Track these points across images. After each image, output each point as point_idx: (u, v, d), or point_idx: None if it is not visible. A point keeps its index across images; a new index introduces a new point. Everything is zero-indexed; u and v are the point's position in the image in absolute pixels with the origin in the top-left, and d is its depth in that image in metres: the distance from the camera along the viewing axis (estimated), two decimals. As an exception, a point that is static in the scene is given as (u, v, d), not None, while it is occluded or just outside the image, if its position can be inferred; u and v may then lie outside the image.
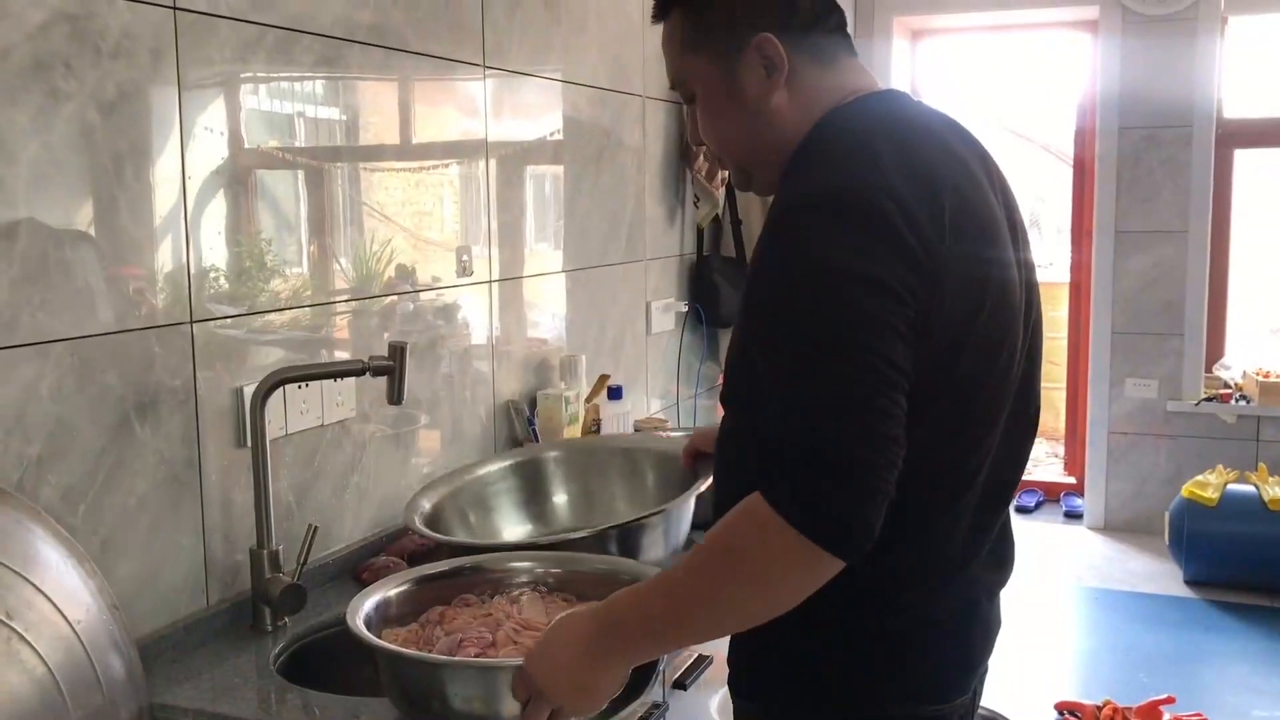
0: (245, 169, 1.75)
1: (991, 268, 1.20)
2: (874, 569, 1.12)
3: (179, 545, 1.63)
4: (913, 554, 1.21)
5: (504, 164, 2.43)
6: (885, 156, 1.15)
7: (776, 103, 1.26)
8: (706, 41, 1.29)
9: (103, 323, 1.50)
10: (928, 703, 1.26)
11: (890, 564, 1.18)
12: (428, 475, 2.16)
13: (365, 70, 2.00)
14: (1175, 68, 4.92)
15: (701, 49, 1.29)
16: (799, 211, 1.15)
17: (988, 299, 1.19)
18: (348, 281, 2.00)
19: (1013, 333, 1.23)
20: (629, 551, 1.68)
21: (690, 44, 1.31)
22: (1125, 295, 5.11)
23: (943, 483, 1.21)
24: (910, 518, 1.15)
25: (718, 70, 1.28)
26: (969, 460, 1.23)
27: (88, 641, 1.35)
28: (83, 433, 1.48)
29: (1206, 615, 4.25)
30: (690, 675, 1.78)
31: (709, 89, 1.30)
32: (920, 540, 1.22)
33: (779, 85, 1.26)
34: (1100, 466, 5.23)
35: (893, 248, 1.10)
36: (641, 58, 3.03)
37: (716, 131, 1.33)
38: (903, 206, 1.11)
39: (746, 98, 1.27)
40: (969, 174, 1.22)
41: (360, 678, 1.70)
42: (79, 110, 1.45)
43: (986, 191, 1.24)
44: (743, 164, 1.35)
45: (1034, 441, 1.33)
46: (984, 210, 1.21)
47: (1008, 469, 1.29)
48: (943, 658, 1.26)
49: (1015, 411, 1.27)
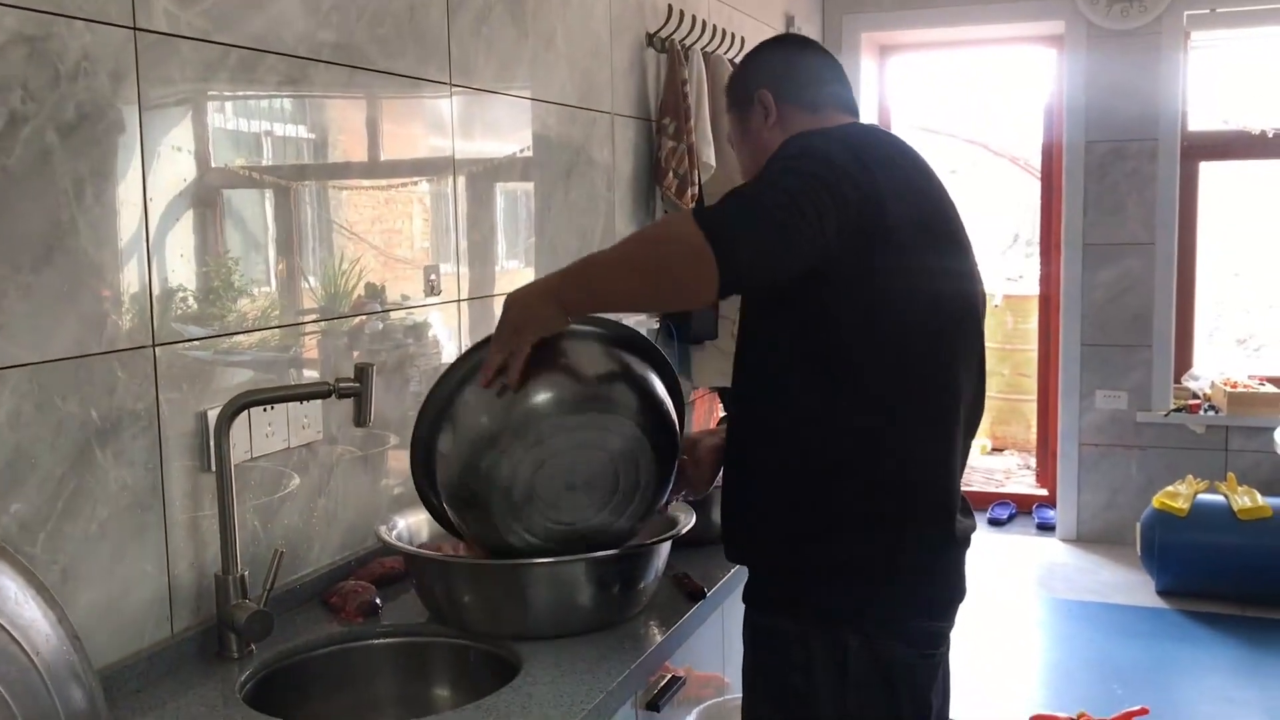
0: (211, 189, 1.73)
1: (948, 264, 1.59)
2: (905, 506, 1.52)
3: (142, 573, 1.61)
4: (935, 492, 1.55)
5: (473, 181, 2.42)
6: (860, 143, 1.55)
7: (768, 139, 1.69)
8: (735, 100, 1.80)
9: (63, 347, 1.47)
10: (937, 620, 1.59)
11: (918, 501, 1.53)
12: (398, 497, 2.14)
13: (331, 89, 1.98)
14: (1140, 82, 4.97)
15: (733, 106, 1.80)
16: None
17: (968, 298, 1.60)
18: (316, 301, 1.98)
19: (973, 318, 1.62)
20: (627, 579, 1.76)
21: (729, 106, 1.83)
22: (1094, 307, 5.15)
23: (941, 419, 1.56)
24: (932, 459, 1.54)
25: (739, 118, 1.78)
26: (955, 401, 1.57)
27: (47, 673, 1.32)
28: (42, 460, 1.45)
29: (1179, 625, 4.28)
30: (664, 696, 1.77)
31: (735, 132, 1.80)
32: (942, 481, 1.56)
33: (773, 125, 1.71)
34: (1071, 478, 5.25)
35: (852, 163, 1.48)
36: (610, 75, 3.03)
37: (740, 161, 1.82)
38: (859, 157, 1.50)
39: (751, 135, 1.75)
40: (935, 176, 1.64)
41: (329, 706, 1.68)
42: (37, 132, 1.43)
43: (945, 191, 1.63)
44: None
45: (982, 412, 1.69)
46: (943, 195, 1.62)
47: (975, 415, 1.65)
48: (948, 584, 1.59)
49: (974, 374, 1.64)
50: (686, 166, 3.30)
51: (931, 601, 1.57)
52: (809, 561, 1.54)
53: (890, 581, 1.53)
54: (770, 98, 1.71)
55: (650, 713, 1.74)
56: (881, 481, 1.52)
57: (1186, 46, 4.98)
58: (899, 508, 1.52)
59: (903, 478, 1.53)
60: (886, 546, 1.52)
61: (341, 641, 1.75)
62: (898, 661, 1.53)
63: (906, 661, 1.54)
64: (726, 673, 2.12)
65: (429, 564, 1.76)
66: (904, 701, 1.55)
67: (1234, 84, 5.37)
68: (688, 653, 1.88)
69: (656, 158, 3.29)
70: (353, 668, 1.75)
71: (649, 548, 1.76)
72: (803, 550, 1.54)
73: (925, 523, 1.55)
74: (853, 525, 1.52)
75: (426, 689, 1.77)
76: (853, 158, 1.47)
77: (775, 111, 1.70)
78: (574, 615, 1.71)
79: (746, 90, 1.74)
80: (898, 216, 1.48)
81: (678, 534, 1.82)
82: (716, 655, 2.08)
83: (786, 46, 1.82)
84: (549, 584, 1.71)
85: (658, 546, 1.77)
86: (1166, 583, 4.51)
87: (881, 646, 1.52)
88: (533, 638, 1.68)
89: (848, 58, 5.32)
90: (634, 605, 1.79)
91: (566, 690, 1.53)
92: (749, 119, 1.74)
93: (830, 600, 1.53)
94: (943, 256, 1.56)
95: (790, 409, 1.54)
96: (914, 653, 1.55)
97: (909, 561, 1.53)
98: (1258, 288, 6.65)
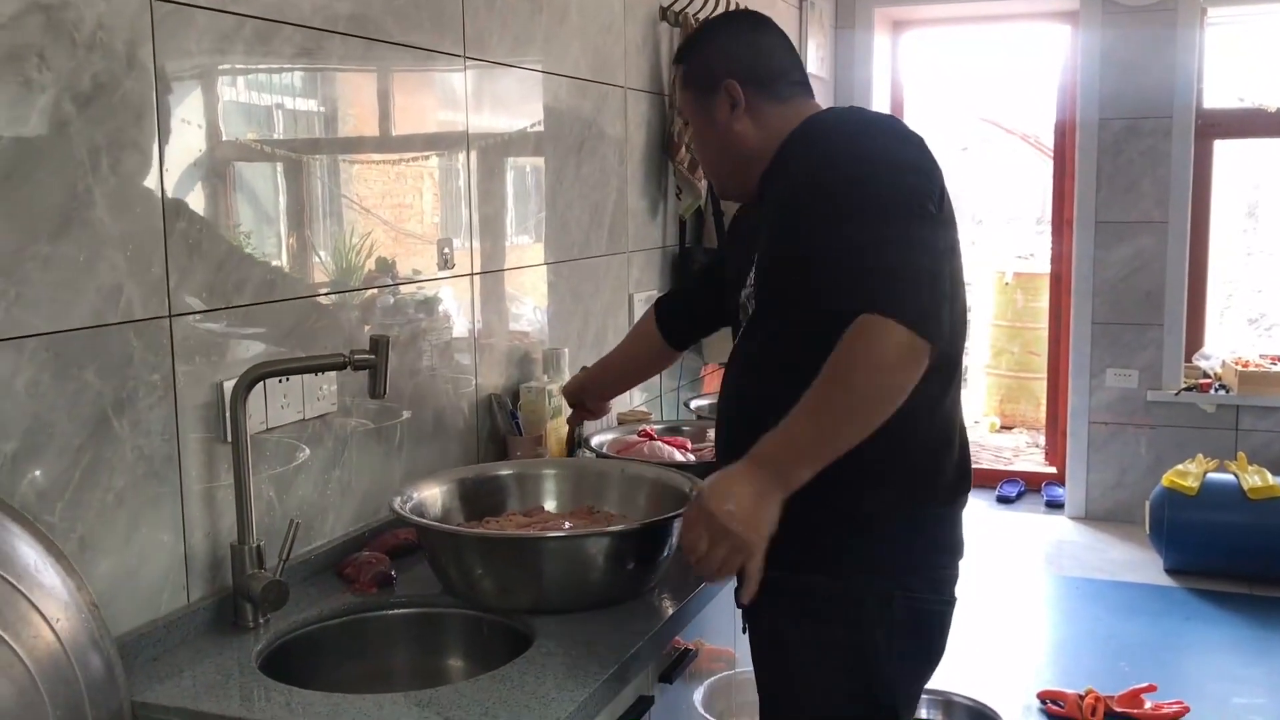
0: (223, 161, 1.73)
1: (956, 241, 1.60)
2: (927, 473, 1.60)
3: (159, 542, 1.62)
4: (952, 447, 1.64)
5: (485, 155, 2.41)
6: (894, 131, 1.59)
7: (739, 128, 1.70)
8: (693, 81, 1.75)
9: (80, 317, 1.48)
10: (954, 567, 1.67)
11: (940, 466, 1.61)
12: (410, 470, 2.15)
13: (345, 61, 1.98)
14: (1155, 59, 4.94)
15: (690, 88, 1.76)
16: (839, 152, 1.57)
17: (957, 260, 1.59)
18: (327, 274, 1.98)
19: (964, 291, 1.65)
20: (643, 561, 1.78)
21: (684, 84, 1.78)
22: (1105, 286, 5.13)
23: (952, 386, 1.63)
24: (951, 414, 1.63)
25: (698, 103, 1.74)
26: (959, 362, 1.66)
27: (66, 640, 1.33)
28: (60, 429, 1.46)
29: (1187, 604, 4.28)
30: (676, 669, 1.78)
31: (693, 116, 1.77)
32: (958, 435, 1.65)
33: (741, 117, 1.69)
34: (1081, 456, 5.25)
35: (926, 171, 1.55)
36: (623, 49, 3.02)
37: (699, 150, 1.82)
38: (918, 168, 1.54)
39: (716, 122, 1.71)
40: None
41: (343, 675, 1.69)
42: (54, 102, 1.43)
43: None
44: (714, 174, 1.82)
45: None
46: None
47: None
48: (958, 535, 1.68)
49: None
50: (699, 141, 3.29)
51: (952, 549, 1.66)
52: (844, 516, 1.58)
53: (919, 531, 1.61)
54: (738, 89, 1.69)
55: (663, 684, 1.75)
56: (913, 439, 1.57)
57: (1203, 23, 4.94)
58: (926, 461, 1.61)
59: (930, 433, 1.60)
60: (915, 499, 1.61)
61: (356, 612, 1.76)
62: (928, 607, 1.62)
63: (935, 608, 1.63)
64: (737, 647, 2.13)
65: (442, 536, 1.77)
66: (935, 645, 1.66)
67: (1250, 61, 5.33)
68: (699, 626, 1.89)
69: (669, 132, 3.28)
70: (367, 638, 1.77)
71: (664, 523, 1.76)
72: (835, 505, 1.56)
73: (947, 474, 1.63)
74: (884, 481, 1.58)
75: (440, 659, 1.78)
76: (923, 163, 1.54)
77: (744, 103, 1.69)
78: (587, 589, 1.72)
79: (710, 77, 1.71)
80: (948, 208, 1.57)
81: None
82: (729, 629, 2.08)
83: (746, 28, 1.76)
84: (563, 558, 1.72)
85: (673, 522, 1.78)
86: (1175, 561, 4.52)
87: (917, 594, 1.60)
88: (546, 611, 1.69)
89: (861, 33, 5.29)
90: (648, 580, 1.79)
91: (580, 661, 1.54)
92: (712, 108, 1.71)
93: (869, 553, 1.59)
94: (957, 232, 1.61)
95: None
96: (939, 598, 1.63)
97: (933, 512, 1.62)
98: (1270, 267, 6.62)
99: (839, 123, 1.66)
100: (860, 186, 1.50)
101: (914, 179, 1.50)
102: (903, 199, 1.48)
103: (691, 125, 1.79)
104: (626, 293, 3.11)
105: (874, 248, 1.45)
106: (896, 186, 1.49)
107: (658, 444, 2.37)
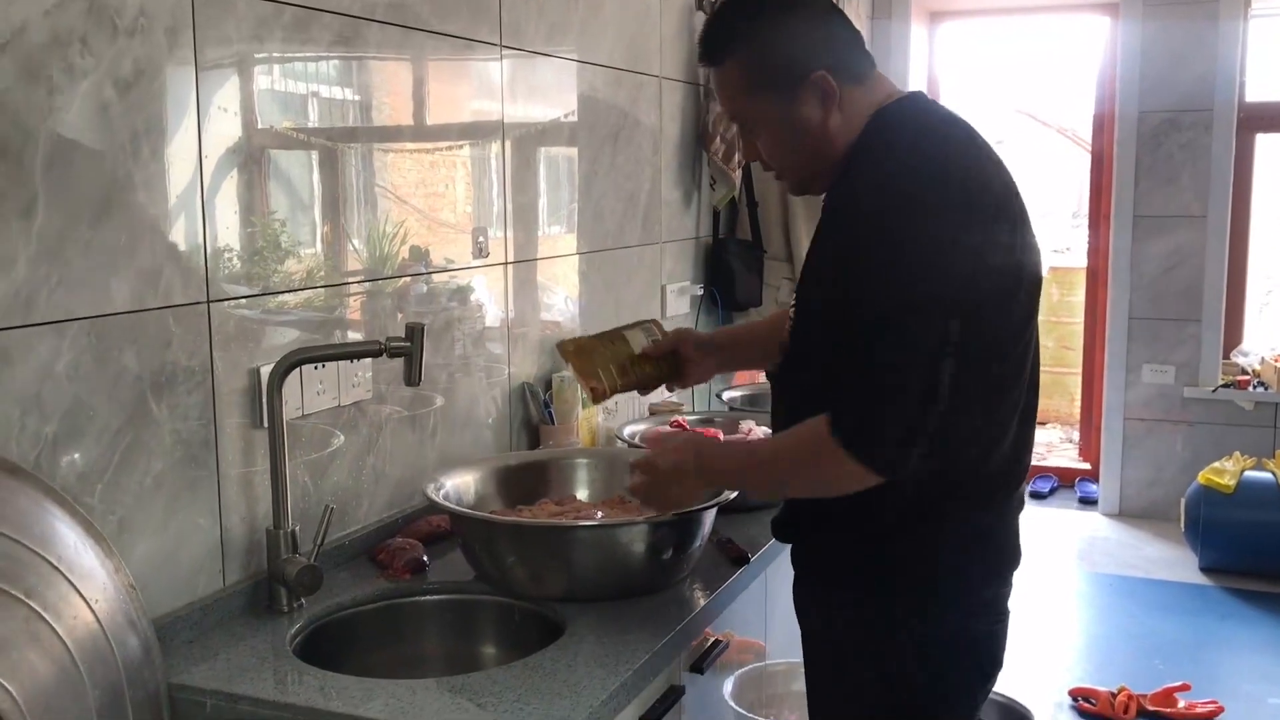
0: (259, 148, 1.74)
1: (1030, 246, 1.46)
2: (978, 481, 1.47)
3: (196, 525, 1.63)
4: (1004, 465, 1.50)
5: (519, 145, 2.41)
6: (961, 143, 1.45)
7: (832, 125, 1.48)
8: (767, 83, 1.49)
9: (120, 302, 1.49)
10: (999, 587, 1.56)
11: (989, 475, 1.48)
12: (443, 457, 2.15)
13: (383, 49, 1.98)
14: (1197, 51, 4.87)
15: (761, 90, 1.50)
16: (902, 187, 1.38)
17: (1025, 275, 1.44)
18: (361, 263, 1.99)
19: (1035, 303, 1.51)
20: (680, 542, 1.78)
21: (750, 87, 1.51)
22: (1143, 280, 5.07)
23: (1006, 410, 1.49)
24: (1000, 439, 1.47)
25: (779, 106, 1.49)
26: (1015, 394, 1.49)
27: (105, 621, 1.35)
28: (100, 412, 1.47)
29: (1222, 602, 4.23)
30: (707, 659, 1.78)
31: (771, 123, 1.51)
32: (1008, 456, 1.50)
33: (833, 110, 1.48)
34: (1116, 453, 5.20)
35: (985, 215, 1.39)
36: (659, 38, 3.01)
37: (781, 158, 1.56)
38: (986, 185, 1.41)
39: (809, 127, 1.49)
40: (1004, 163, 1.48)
41: (376, 660, 1.70)
42: (95, 87, 1.44)
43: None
44: (803, 178, 1.58)
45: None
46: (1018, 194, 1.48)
47: (1032, 401, 1.56)
48: (1010, 551, 1.57)
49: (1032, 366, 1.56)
50: (734, 131, 3.28)
51: (998, 567, 1.55)
52: (887, 532, 1.49)
53: (965, 550, 1.50)
54: (830, 81, 1.46)
55: (694, 675, 1.75)
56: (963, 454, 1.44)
57: (1246, 14, 4.86)
58: (975, 476, 1.48)
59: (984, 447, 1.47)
60: (961, 517, 1.49)
61: (389, 597, 1.78)
62: (977, 632, 1.52)
63: (983, 629, 1.53)
64: (767, 639, 2.13)
65: (476, 524, 1.78)
66: (987, 663, 1.55)
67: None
68: (729, 618, 1.89)
69: (704, 122, 3.27)
70: (400, 623, 1.78)
71: (697, 514, 1.76)
72: (881, 520, 1.48)
73: (996, 488, 1.51)
74: (929, 497, 1.46)
75: (472, 646, 1.78)
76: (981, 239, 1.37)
77: (838, 94, 1.47)
78: (620, 579, 1.72)
79: (790, 71, 1.46)
80: (1026, 267, 1.44)
81: (724, 500, 1.82)
82: (758, 621, 2.08)
83: (814, 7, 1.52)
84: (595, 548, 1.72)
85: (705, 513, 1.77)
86: (1210, 559, 4.46)
87: (959, 621, 1.50)
88: (577, 600, 1.69)
89: (897, 24, 5.25)
90: (679, 570, 1.79)
91: (612, 650, 1.54)
92: (795, 105, 1.47)
93: (909, 570, 1.49)
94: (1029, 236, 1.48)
95: None
96: (986, 620, 1.53)
97: (982, 529, 1.52)
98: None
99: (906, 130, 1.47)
100: (895, 294, 1.36)
101: (968, 267, 1.35)
102: (925, 324, 1.34)
103: (765, 133, 1.53)
104: (659, 284, 3.10)
105: (884, 363, 1.35)
106: (923, 313, 1.35)
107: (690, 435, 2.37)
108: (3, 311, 1.34)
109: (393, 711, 1.36)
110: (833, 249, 1.48)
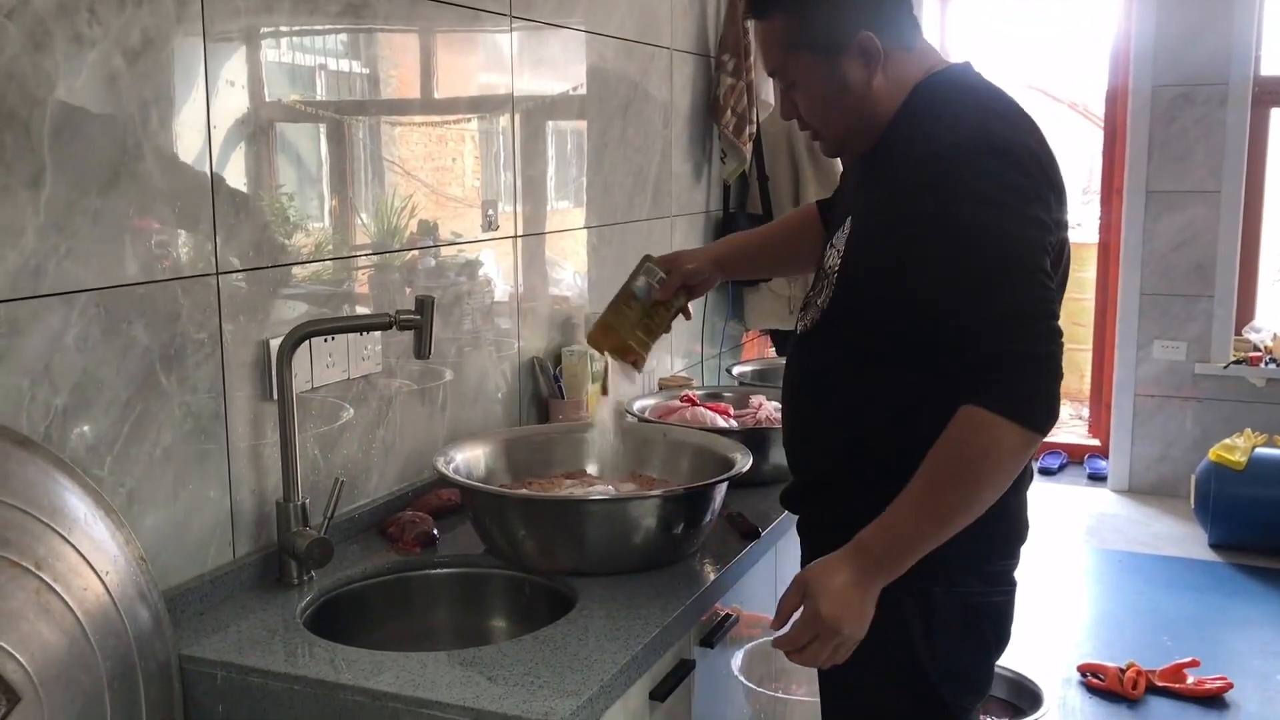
0: (268, 121, 1.72)
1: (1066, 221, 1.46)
2: None
3: (206, 498, 1.63)
4: None
5: (528, 118, 2.40)
6: (1008, 115, 1.44)
7: (876, 86, 1.48)
8: (811, 40, 1.48)
9: (129, 273, 1.48)
10: (1011, 558, 1.57)
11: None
12: (453, 431, 2.15)
13: (391, 20, 1.96)
14: (1212, 25, 4.82)
15: (805, 47, 1.49)
16: (956, 157, 1.37)
17: (1066, 247, 1.46)
18: (369, 236, 1.98)
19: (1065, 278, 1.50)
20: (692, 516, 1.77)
21: (794, 43, 1.50)
22: (1155, 256, 5.04)
23: None
24: None
25: (821, 65, 1.48)
26: None
27: (115, 592, 1.35)
28: (109, 383, 1.47)
29: (1231, 579, 4.23)
30: (717, 634, 1.78)
31: (813, 80, 1.50)
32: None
33: (876, 72, 1.47)
34: (1126, 429, 5.19)
35: (1040, 187, 1.39)
36: (670, 9, 2.98)
37: (821, 116, 1.54)
38: (1034, 156, 1.40)
39: (851, 87, 1.48)
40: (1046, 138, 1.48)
41: (386, 633, 1.70)
42: (104, 56, 1.43)
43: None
44: (840, 139, 1.56)
45: None
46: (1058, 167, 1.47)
47: None
48: (1019, 526, 1.57)
49: None
50: (745, 104, 3.26)
51: (1008, 540, 1.55)
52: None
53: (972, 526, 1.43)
54: (875, 42, 1.45)
55: (705, 649, 1.75)
56: None
57: (1262, -13, 4.81)
58: None
59: None
60: None
61: (399, 570, 1.77)
62: (982, 603, 1.52)
63: (990, 600, 1.53)
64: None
65: (486, 498, 1.77)
66: (994, 634, 1.55)
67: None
68: (739, 592, 1.89)
69: (715, 95, 3.25)
70: (410, 597, 1.78)
71: (708, 488, 1.75)
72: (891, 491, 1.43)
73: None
74: None
75: (482, 619, 1.78)
76: (1048, 195, 1.40)
77: (882, 55, 1.46)
78: (630, 553, 1.72)
79: (835, 31, 1.46)
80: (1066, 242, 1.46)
81: (736, 474, 1.81)
82: (768, 595, 2.08)
83: None
84: (606, 522, 1.71)
85: (716, 487, 1.77)
86: (1220, 536, 4.46)
87: (966, 590, 1.50)
88: (588, 573, 1.69)
89: (908, -3, 5.20)
90: (690, 544, 1.79)
91: (623, 623, 1.54)
92: (839, 67, 1.47)
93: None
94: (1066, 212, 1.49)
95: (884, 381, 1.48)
96: (994, 591, 1.54)
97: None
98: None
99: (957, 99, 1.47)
100: (978, 238, 1.34)
101: (1036, 232, 1.36)
102: (1024, 254, 1.34)
103: (805, 90, 1.52)
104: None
105: (990, 325, 1.33)
106: (1019, 241, 1.34)
107: (700, 409, 2.36)
108: (11, 283, 1.34)
109: (403, 684, 1.36)
110: (884, 219, 1.45)
